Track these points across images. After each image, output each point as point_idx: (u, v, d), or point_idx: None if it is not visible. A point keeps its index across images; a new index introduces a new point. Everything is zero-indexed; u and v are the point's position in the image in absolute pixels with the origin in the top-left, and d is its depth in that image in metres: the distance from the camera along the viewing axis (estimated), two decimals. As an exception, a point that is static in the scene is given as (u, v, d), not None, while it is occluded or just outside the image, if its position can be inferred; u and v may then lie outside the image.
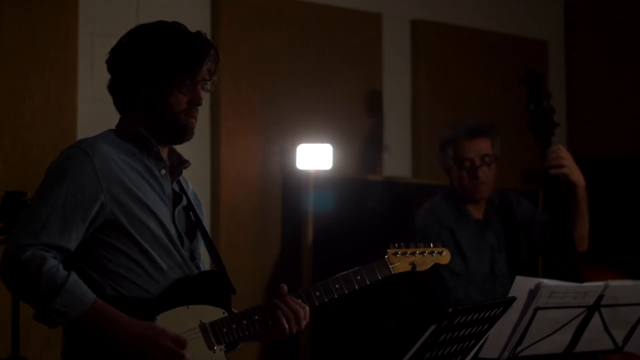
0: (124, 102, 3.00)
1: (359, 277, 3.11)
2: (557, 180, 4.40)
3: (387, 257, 3.19)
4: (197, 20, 5.33)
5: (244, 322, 2.96)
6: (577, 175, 4.42)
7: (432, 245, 3.28)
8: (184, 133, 2.99)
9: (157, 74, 2.92)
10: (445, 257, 3.30)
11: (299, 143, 5.55)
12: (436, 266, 3.48)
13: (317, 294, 3.05)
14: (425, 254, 3.25)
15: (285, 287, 3.02)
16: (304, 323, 2.99)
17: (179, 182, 3.07)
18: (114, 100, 3.02)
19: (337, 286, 3.08)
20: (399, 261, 3.20)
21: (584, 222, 4.49)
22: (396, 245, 3.22)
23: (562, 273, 4.27)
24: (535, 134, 4.46)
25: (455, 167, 4.55)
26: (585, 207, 4.47)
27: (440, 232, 4.45)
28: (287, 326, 2.96)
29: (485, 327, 3.05)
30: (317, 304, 3.05)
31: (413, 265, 3.22)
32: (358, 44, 5.97)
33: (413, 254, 3.23)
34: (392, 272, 3.18)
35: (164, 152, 3.03)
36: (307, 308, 2.99)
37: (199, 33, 2.99)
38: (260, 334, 3.02)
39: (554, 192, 4.43)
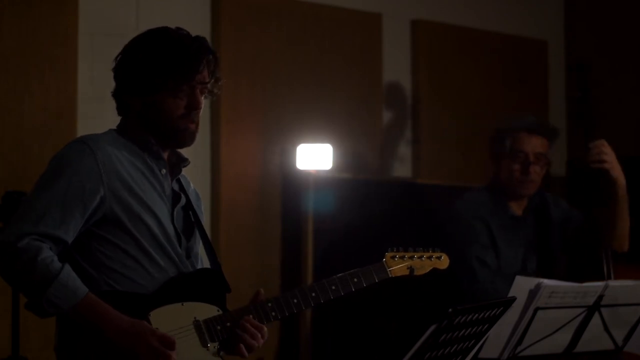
0: (123, 107, 3.02)
1: (355, 280, 3.10)
2: (597, 176, 4.42)
3: (385, 261, 3.18)
4: (197, 20, 5.33)
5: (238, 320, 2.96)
6: (618, 172, 4.45)
7: (430, 250, 3.27)
8: (183, 138, 2.99)
9: (150, 79, 2.92)
10: (444, 261, 3.27)
11: (299, 143, 5.55)
12: (466, 257, 3.42)
13: (313, 294, 3.05)
14: (423, 258, 3.24)
15: (262, 293, 3.03)
16: (261, 342, 2.98)
17: (178, 181, 3.08)
18: (116, 105, 3.04)
19: (333, 287, 3.07)
20: (397, 265, 3.19)
21: (624, 221, 4.50)
22: (394, 248, 3.21)
23: (594, 272, 4.30)
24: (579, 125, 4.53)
25: (509, 159, 4.57)
26: (625, 206, 4.48)
27: (474, 224, 4.47)
28: (244, 349, 2.94)
29: (485, 327, 3.05)
30: (313, 304, 3.05)
31: (411, 269, 3.22)
32: (358, 44, 5.97)
33: (411, 257, 3.22)
34: (390, 276, 3.18)
35: (165, 153, 3.03)
36: (265, 328, 2.98)
37: (197, 37, 2.99)
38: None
39: (592, 189, 4.45)
